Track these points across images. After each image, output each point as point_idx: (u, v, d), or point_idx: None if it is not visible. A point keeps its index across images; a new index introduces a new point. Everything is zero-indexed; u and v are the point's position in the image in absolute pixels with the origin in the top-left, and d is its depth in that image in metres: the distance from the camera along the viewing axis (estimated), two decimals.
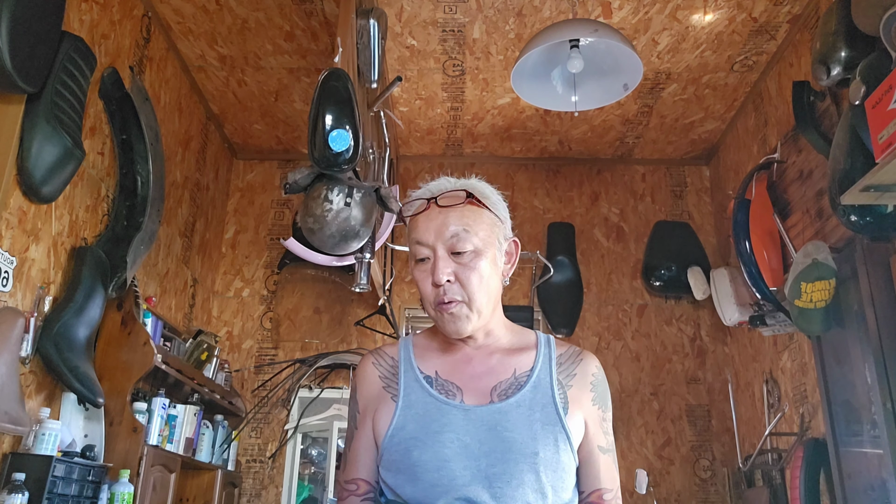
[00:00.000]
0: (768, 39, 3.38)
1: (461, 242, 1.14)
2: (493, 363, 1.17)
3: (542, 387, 1.14)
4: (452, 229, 1.14)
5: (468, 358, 1.18)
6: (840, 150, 2.40)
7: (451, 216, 1.15)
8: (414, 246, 1.17)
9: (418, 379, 1.15)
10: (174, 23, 3.35)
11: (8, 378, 2.12)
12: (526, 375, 1.15)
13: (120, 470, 2.54)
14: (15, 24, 2.08)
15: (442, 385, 1.14)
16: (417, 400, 1.12)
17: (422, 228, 1.16)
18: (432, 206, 1.17)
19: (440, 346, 1.21)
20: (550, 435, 1.09)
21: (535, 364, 1.17)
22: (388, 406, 1.14)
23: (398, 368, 1.18)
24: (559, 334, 4.08)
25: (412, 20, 3.31)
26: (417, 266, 1.17)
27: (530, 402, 1.12)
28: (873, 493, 2.54)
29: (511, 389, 1.13)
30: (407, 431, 1.09)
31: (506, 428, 1.08)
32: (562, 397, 1.14)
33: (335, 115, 2.18)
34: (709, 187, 4.45)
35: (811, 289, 2.72)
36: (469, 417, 1.09)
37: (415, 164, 4.51)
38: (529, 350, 1.20)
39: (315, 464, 3.93)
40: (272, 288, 4.24)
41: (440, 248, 1.14)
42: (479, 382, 1.14)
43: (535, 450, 1.06)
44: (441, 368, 1.17)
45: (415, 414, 1.10)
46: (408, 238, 1.20)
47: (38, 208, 2.43)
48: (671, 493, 3.85)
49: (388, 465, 1.09)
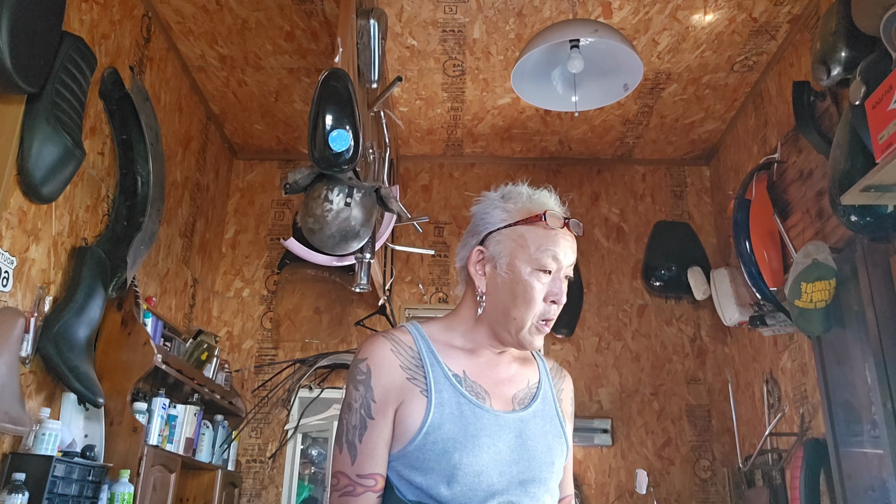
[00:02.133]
0: (768, 40, 3.38)
1: (570, 272, 1.18)
2: (513, 372, 1.20)
3: (548, 399, 1.20)
4: (574, 258, 1.18)
5: (494, 363, 1.19)
6: (840, 151, 2.40)
7: (575, 245, 1.19)
8: (548, 258, 1.14)
9: (447, 376, 1.12)
10: (174, 23, 3.35)
11: (8, 378, 2.12)
12: (536, 386, 1.20)
13: (120, 470, 2.54)
14: (15, 24, 2.08)
15: (471, 386, 1.13)
16: (450, 399, 1.09)
17: (563, 245, 1.16)
18: (566, 227, 1.18)
19: (464, 345, 1.18)
20: (559, 446, 1.16)
21: (541, 377, 1.23)
22: (418, 400, 1.08)
23: (421, 360, 1.12)
24: (559, 334, 4.08)
25: (412, 20, 3.31)
26: (536, 275, 1.14)
27: (542, 413, 1.17)
28: (873, 493, 2.54)
29: (527, 399, 1.17)
30: (445, 431, 1.06)
31: (528, 437, 1.12)
32: (560, 411, 1.21)
33: (335, 115, 2.18)
34: (709, 187, 4.45)
35: (811, 289, 2.72)
36: (499, 423, 1.11)
37: (415, 164, 4.51)
38: (532, 362, 1.26)
39: (315, 464, 3.94)
40: (272, 288, 4.24)
41: (564, 271, 1.16)
42: (503, 388, 1.17)
43: (551, 459, 1.13)
44: (469, 369, 1.15)
45: (450, 414, 1.07)
46: (531, 242, 1.15)
47: (39, 208, 2.43)
48: (671, 493, 3.85)
49: (419, 465, 1.05)
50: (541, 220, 1.15)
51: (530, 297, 1.12)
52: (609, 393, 4.04)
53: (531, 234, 1.15)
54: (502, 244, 1.16)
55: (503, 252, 1.15)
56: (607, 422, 3.95)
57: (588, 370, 4.07)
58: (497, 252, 1.16)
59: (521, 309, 1.13)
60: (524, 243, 1.14)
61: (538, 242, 1.14)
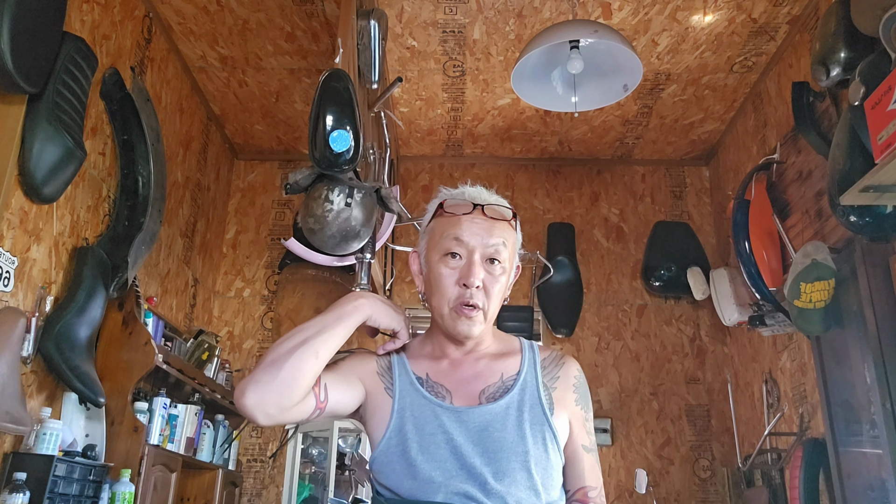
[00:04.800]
0: (768, 40, 3.38)
1: (498, 254, 1.18)
2: (481, 368, 1.21)
3: (528, 389, 1.19)
4: (495, 240, 1.18)
5: (457, 362, 1.22)
6: (839, 151, 2.40)
7: (497, 227, 1.19)
8: (450, 241, 1.18)
9: (412, 381, 1.19)
10: (175, 23, 3.35)
11: (9, 378, 2.12)
12: (513, 379, 1.20)
13: (121, 469, 2.55)
14: (16, 24, 2.09)
15: (431, 386, 1.18)
16: (412, 402, 1.16)
17: (465, 228, 1.18)
18: (477, 212, 1.19)
19: (431, 350, 1.25)
20: (539, 434, 1.14)
21: (521, 368, 1.22)
22: (383, 400, 1.17)
23: (392, 369, 1.22)
24: (559, 334, 4.08)
25: (412, 21, 3.31)
26: (444, 261, 1.18)
27: (518, 404, 1.16)
28: (872, 493, 2.55)
29: (499, 392, 1.18)
30: (404, 433, 1.13)
31: (496, 428, 1.12)
32: (547, 399, 1.18)
33: (336, 115, 2.19)
34: (708, 188, 4.46)
35: (810, 289, 2.73)
36: (461, 419, 1.13)
37: (415, 164, 4.52)
38: (514, 355, 1.25)
39: (316, 463, 3.93)
40: (273, 288, 4.25)
41: (478, 252, 1.17)
42: (467, 386, 1.19)
43: (525, 448, 1.11)
44: (431, 371, 1.21)
45: (410, 415, 1.15)
46: (437, 232, 1.21)
47: (40, 208, 2.44)
48: (671, 492, 3.85)
49: (384, 467, 1.13)
50: (443, 210, 1.22)
51: (440, 283, 1.18)
52: (609, 393, 4.05)
53: (437, 226, 1.21)
54: (422, 243, 1.25)
55: (423, 251, 1.24)
56: (607, 421, 3.95)
57: (588, 370, 4.08)
58: (421, 253, 1.25)
59: (436, 297, 1.19)
60: (433, 235, 1.21)
61: (442, 230, 1.20)
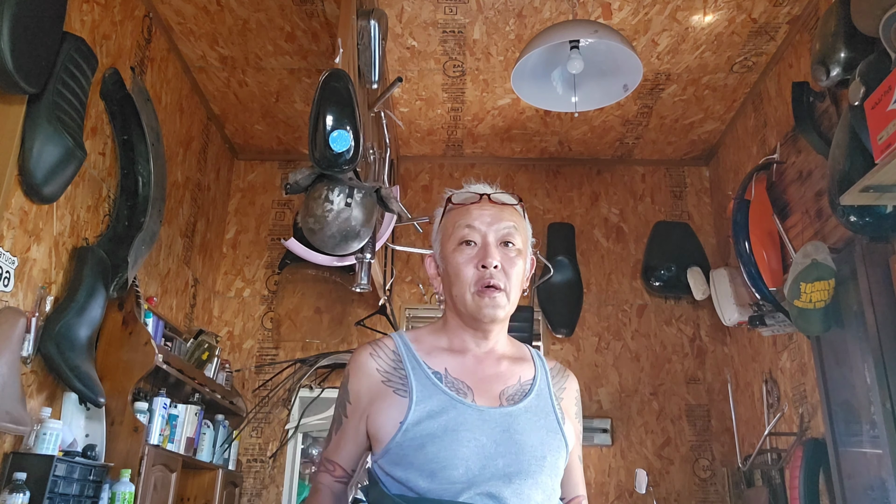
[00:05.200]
0: (768, 40, 3.38)
1: (511, 237, 1.21)
2: (502, 369, 1.22)
3: (543, 396, 1.20)
4: (506, 223, 1.21)
5: (478, 360, 1.22)
6: (839, 151, 2.40)
7: (505, 212, 1.22)
8: (462, 230, 1.20)
9: (429, 375, 1.17)
10: (175, 23, 3.35)
11: (9, 378, 2.12)
12: (529, 384, 1.21)
13: (121, 469, 2.55)
14: (16, 24, 2.09)
15: (452, 383, 1.17)
16: (431, 396, 1.14)
17: (476, 215, 1.21)
18: (484, 201, 1.23)
19: (449, 345, 1.23)
20: (554, 441, 1.16)
21: (536, 374, 1.23)
22: (393, 401, 1.14)
23: (402, 363, 1.19)
24: (559, 334, 4.08)
25: (412, 21, 3.32)
26: (459, 249, 1.20)
27: (536, 409, 1.17)
28: (872, 493, 2.55)
29: (518, 395, 1.18)
30: (423, 427, 1.10)
31: (517, 431, 1.12)
32: (558, 408, 1.21)
33: (336, 115, 2.19)
34: (708, 188, 4.46)
35: (810, 289, 2.73)
36: (483, 418, 1.12)
37: (415, 164, 4.52)
38: (527, 360, 1.27)
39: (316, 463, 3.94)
40: (273, 288, 4.25)
41: (492, 236, 1.20)
42: (488, 385, 1.18)
43: (543, 454, 1.13)
44: (451, 366, 1.19)
45: (429, 410, 1.12)
46: (449, 225, 1.23)
47: (40, 208, 2.44)
48: (671, 492, 3.85)
49: (398, 460, 1.10)
50: (451, 203, 1.26)
51: (459, 269, 1.19)
52: (609, 393, 4.05)
53: (448, 220, 1.25)
54: (436, 243, 1.28)
55: (438, 248, 1.27)
56: (607, 421, 3.96)
57: (588, 370, 4.08)
58: (437, 252, 1.27)
59: (456, 285, 1.20)
60: (446, 230, 1.25)
61: (454, 222, 1.23)
